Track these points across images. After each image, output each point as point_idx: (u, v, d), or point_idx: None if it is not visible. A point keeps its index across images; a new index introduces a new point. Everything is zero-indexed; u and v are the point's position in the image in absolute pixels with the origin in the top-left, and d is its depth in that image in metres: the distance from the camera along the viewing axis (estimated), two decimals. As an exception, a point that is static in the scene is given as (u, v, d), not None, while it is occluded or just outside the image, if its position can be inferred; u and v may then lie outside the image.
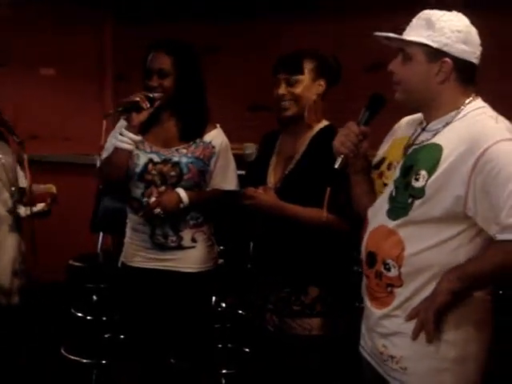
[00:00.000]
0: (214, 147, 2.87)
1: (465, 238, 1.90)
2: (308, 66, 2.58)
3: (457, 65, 1.94)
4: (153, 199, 2.74)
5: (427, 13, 1.99)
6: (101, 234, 4.33)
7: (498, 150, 1.81)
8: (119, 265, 2.96)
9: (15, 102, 5.00)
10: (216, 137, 2.89)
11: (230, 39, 4.50)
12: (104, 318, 3.86)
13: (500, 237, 1.81)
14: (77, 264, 4.08)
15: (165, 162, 2.80)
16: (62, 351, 3.95)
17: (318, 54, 2.62)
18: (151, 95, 2.72)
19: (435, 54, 1.95)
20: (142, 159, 2.79)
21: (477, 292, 1.94)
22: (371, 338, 2.09)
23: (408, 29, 2.01)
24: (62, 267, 4.07)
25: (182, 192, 2.76)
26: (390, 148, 2.19)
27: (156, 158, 2.81)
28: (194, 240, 2.87)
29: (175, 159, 2.81)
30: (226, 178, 2.92)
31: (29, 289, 2.77)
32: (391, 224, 1.98)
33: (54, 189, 2.78)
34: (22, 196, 2.67)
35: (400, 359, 1.98)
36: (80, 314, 3.96)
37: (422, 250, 1.92)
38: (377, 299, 2.04)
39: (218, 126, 2.90)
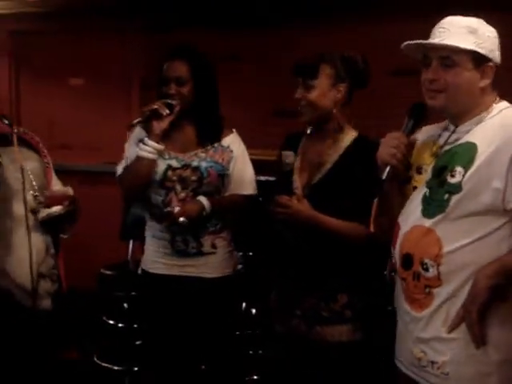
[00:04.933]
0: (231, 151, 2.91)
1: (507, 231, 1.89)
2: (325, 71, 2.52)
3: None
4: (177, 209, 2.76)
5: (462, 19, 2.00)
6: (131, 241, 4.37)
7: None
8: (139, 271, 2.99)
9: (46, 113, 5.09)
10: (233, 141, 2.93)
11: (253, 45, 4.46)
12: (135, 326, 3.89)
13: None
14: (108, 272, 4.12)
15: (184, 166, 2.85)
16: (95, 358, 3.98)
17: (340, 57, 2.55)
18: (170, 102, 2.74)
19: (481, 60, 1.97)
20: (161, 166, 2.83)
21: None
22: (407, 345, 2.07)
23: (444, 35, 2.00)
24: (93, 275, 4.11)
25: (204, 200, 2.80)
26: (418, 154, 2.17)
27: (175, 164, 2.85)
28: (213, 246, 2.89)
29: (195, 164, 2.84)
30: (244, 182, 2.94)
31: (63, 295, 2.76)
32: (428, 223, 1.97)
33: (70, 191, 2.77)
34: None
35: (442, 364, 1.96)
36: (111, 322, 3.99)
37: (461, 246, 1.90)
38: (416, 301, 2.01)
39: (234, 130, 2.93)
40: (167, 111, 2.76)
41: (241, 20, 4.41)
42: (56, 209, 2.61)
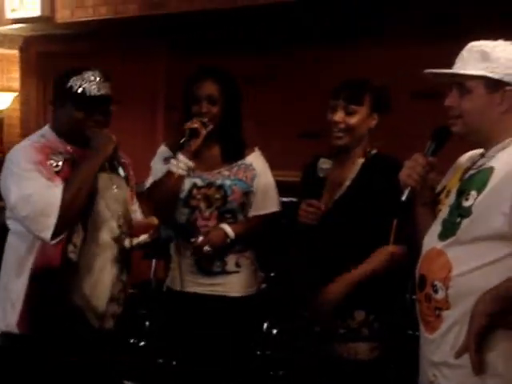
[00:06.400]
0: (254, 169, 2.93)
1: None
2: (367, 99, 2.59)
3: None
4: (200, 238, 2.78)
5: (479, 45, 1.99)
6: (153, 260, 4.40)
7: None
8: (164, 289, 3.01)
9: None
10: (256, 159, 2.96)
11: (280, 69, 4.53)
12: (157, 344, 3.90)
13: None
14: (130, 291, 4.14)
15: (209, 185, 2.88)
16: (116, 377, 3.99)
17: (377, 88, 2.64)
18: (205, 121, 2.78)
19: (495, 85, 1.94)
20: (186, 184, 2.87)
21: None
22: (423, 367, 2.06)
23: (460, 62, 2.00)
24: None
25: (226, 227, 2.82)
26: (452, 178, 2.17)
27: (200, 182, 2.88)
28: (238, 265, 2.91)
29: (219, 182, 2.86)
30: (268, 198, 2.96)
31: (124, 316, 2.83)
32: (440, 245, 1.96)
33: (155, 221, 2.85)
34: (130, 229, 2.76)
35: None
36: (132, 340, 4.01)
37: (469, 271, 1.87)
38: (428, 323, 1.99)
39: (256, 149, 2.96)
40: (204, 130, 2.81)
41: (264, 43, 4.46)
42: (143, 238, 2.71)
